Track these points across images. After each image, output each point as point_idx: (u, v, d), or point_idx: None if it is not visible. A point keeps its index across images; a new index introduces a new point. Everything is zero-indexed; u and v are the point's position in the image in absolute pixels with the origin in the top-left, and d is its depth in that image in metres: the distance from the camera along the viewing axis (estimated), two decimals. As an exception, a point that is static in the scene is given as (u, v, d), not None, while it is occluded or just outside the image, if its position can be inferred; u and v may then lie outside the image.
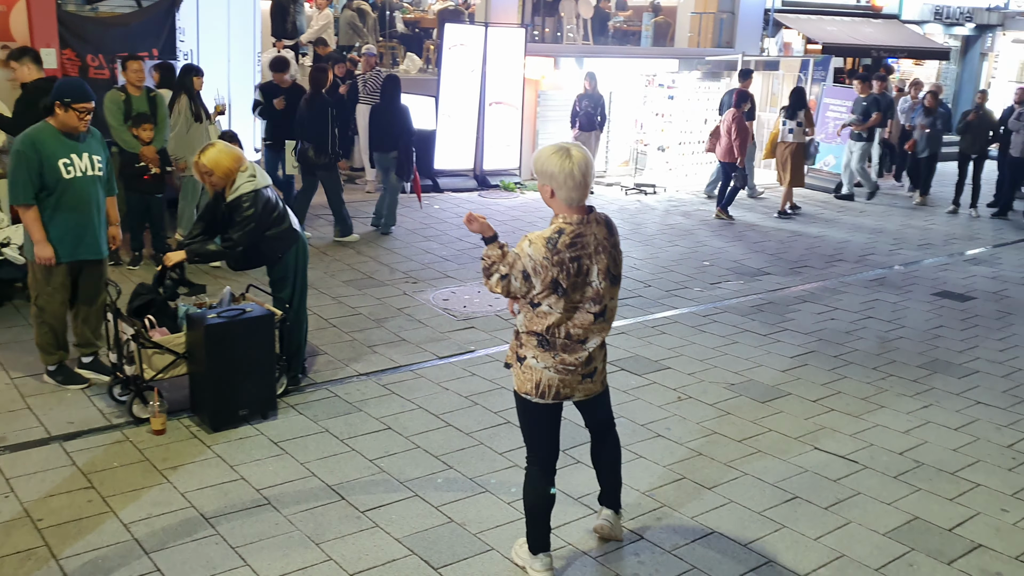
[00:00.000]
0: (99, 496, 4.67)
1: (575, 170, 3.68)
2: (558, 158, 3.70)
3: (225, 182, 5.55)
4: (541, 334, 3.82)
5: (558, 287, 3.71)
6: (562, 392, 3.92)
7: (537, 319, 3.81)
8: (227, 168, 5.51)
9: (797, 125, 12.54)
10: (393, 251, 9.70)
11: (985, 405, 6.40)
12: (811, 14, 20.75)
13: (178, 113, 8.55)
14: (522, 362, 3.90)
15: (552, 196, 3.78)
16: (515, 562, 4.25)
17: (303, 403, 5.87)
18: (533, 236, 3.73)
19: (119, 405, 5.63)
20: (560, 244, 3.69)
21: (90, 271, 5.91)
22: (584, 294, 3.78)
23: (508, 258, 3.74)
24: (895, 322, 8.21)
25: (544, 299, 3.76)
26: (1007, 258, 11.09)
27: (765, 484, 5.13)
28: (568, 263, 3.69)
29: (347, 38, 15.54)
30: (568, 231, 3.73)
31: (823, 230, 12.05)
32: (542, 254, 3.67)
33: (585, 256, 3.74)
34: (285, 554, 4.25)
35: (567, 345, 3.84)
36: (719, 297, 8.75)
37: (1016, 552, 4.56)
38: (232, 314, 5.42)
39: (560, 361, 3.85)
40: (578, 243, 3.73)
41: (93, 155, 5.75)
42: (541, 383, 3.87)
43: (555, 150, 3.74)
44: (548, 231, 3.75)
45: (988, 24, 24.36)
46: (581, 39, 17.35)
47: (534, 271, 3.68)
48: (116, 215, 6.18)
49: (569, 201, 3.76)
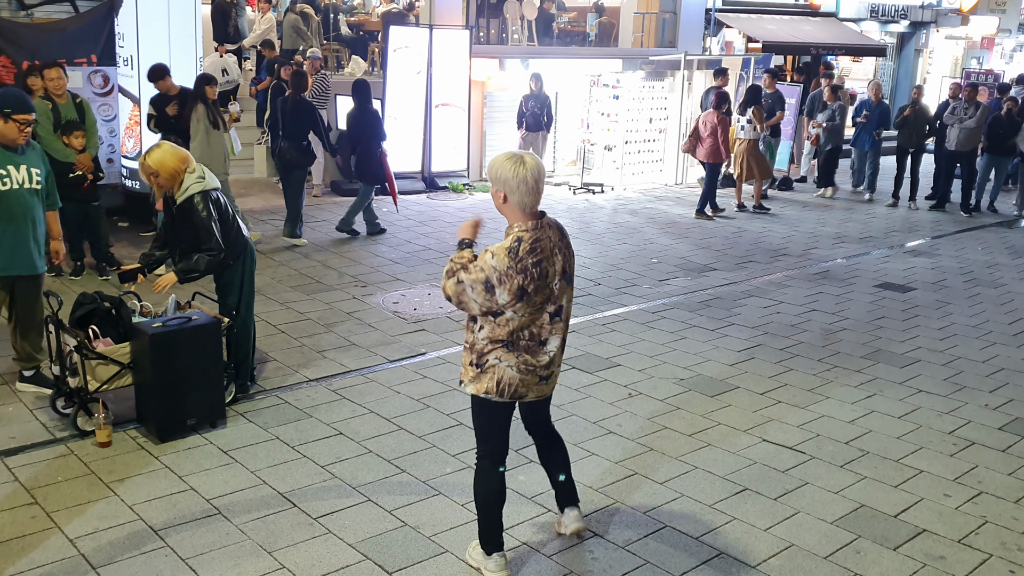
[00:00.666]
0: (43, 512, 4.57)
1: (528, 176, 3.78)
2: (512, 164, 3.80)
3: (172, 183, 5.47)
4: (504, 340, 3.88)
5: (524, 294, 3.78)
6: (519, 391, 3.97)
7: (499, 328, 3.88)
8: (172, 168, 5.43)
9: (748, 122, 12.72)
10: (341, 255, 9.64)
11: (927, 393, 6.55)
12: (751, 13, 21.02)
13: (197, 121, 8.52)
14: (482, 366, 3.94)
15: (505, 201, 3.85)
16: (469, 564, 4.25)
17: (252, 411, 5.82)
18: (494, 248, 3.81)
19: (62, 418, 5.52)
20: (521, 251, 3.78)
21: (25, 287, 5.78)
22: (544, 296, 3.88)
23: (470, 268, 3.81)
24: (839, 314, 8.36)
25: (510, 307, 3.82)
26: (945, 249, 11.35)
27: (715, 477, 5.19)
28: (531, 268, 3.78)
29: (291, 42, 15.40)
30: (526, 238, 3.82)
31: (767, 225, 12.22)
32: (505, 264, 3.75)
33: (545, 260, 3.84)
34: (237, 564, 4.20)
35: (530, 346, 3.93)
36: (667, 294, 8.83)
37: (959, 535, 4.67)
38: (177, 323, 5.35)
39: (523, 361, 3.93)
40: (537, 248, 3.82)
41: (32, 168, 5.63)
42: (502, 381, 3.93)
43: (508, 157, 3.83)
44: (507, 242, 3.83)
45: (922, 21, 24.89)
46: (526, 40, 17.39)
47: (499, 281, 3.75)
48: (58, 229, 6.08)
49: (522, 206, 3.83)
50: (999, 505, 5.00)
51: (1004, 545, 4.60)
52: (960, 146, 13.40)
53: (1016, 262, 10.75)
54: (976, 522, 4.81)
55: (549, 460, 4.44)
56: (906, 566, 4.39)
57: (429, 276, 8.97)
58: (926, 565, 4.40)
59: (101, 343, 5.41)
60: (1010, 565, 4.43)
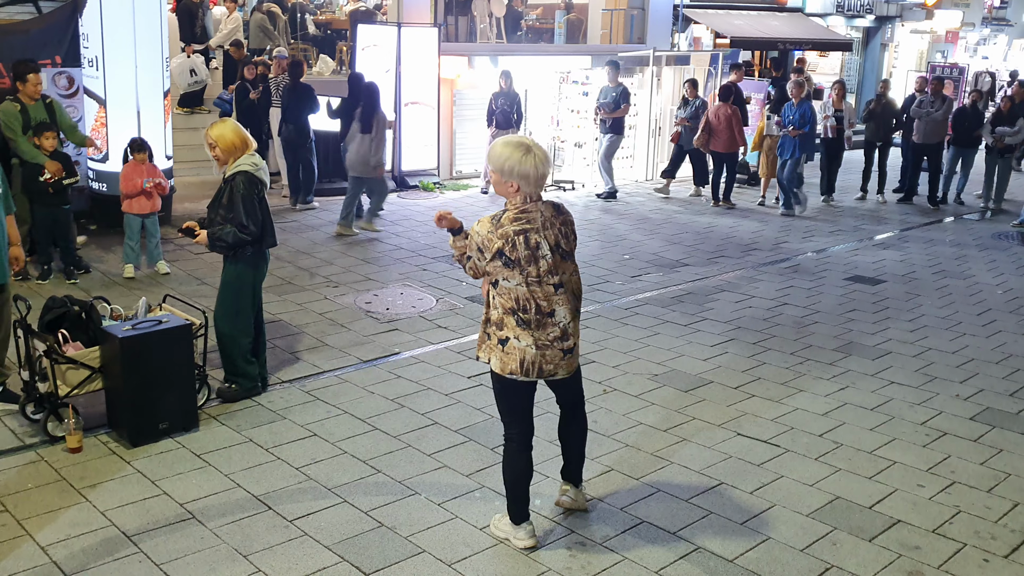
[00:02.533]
0: (13, 519, 4.50)
1: (537, 163, 4.02)
2: (520, 153, 4.01)
3: (228, 156, 5.61)
4: (515, 311, 4.10)
5: (505, 259, 4.04)
6: (545, 369, 4.19)
7: (502, 297, 4.12)
8: (230, 142, 5.59)
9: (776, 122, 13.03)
10: (312, 255, 9.57)
11: (898, 385, 6.61)
12: (719, 8, 21.12)
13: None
14: (504, 344, 4.15)
15: (515, 189, 4.07)
16: (496, 535, 4.42)
17: (225, 413, 5.76)
18: (481, 219, 4.13)
19: (32, 424, 5.44)
20: (504, 219, 4.06)
21: None
22: (539, 267, 4.09)
23: (469, 243, 4.15)
24: (810, 307, 8.42)
25: (498, 273, 4.08)
26: (914, 242, 11.47)
27: (691, 472, 5.21)
28: (513, 236, 4.03)
29: (257, 41, 15.29)
30: (512, 210, 4.09)
31: (737, 221, 12.29)
32: (487, 229, 4.07)
33: (532, 231, 4.06)
34: (212, 568, 4.16)
35: (540, 321, 4.14)
36: (640, 289, 8.86)
37: (933, 526, 4.72)
38: (148, 326, 5.29)
39: (537, 338, 4.13)
40: (522, 218, 4.06)
41: None
42: (525, 361, 4.13)
43: (516, 146, 4.05)
44: (495, 213, 4.13)
45: (887, 16, 25.14)
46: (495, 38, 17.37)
47: (482, 245, 4.07)
48: (16, 234, 5.84)
49: (526, 191, 4.07)
50: (972, 494, 5.05)
51: (978, 534, 4.65)
52: (926, 139, 13.54)
53: (983, 254, 10.88)
54: (950, 512, 4.86)
55: (567, 432, 4.63)
56: (882, 557, 4.42)
57: (401, 276, 8.94)
58: (901, 555, 4.44)
59: (71, 347, 5.34)
60: (984, 554, 4.48)
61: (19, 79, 8.08)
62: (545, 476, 4.96)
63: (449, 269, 9.14)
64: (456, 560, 4.28)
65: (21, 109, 7.92)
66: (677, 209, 12.92)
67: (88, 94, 9.74)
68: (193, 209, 11.16)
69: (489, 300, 4.23)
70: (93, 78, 9.68)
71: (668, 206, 13.10)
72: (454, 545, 4.40)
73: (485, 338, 4.26)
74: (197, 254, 9.27)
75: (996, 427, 5.94)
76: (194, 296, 7.66)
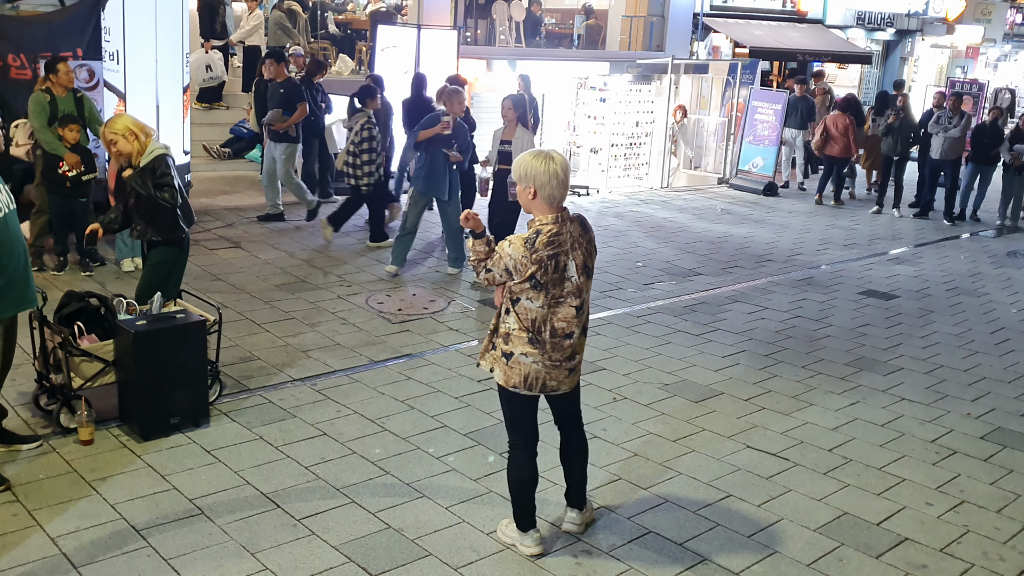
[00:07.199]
0: (24, 510, 4.53)
1: (559, 171, 4.04)
2: (541, 161, 4.04)
3: (131, 150, 5.61)
4: (530, 330, 4.10)
5: (536, 283, 4.02)
6: (548, 384, 4.20)
7: (522, 317, 4.10)
8: (131, 131, 5.59)
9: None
10: (327, 254, 9.60)
11: (909, 401, 6.58)
12: (738, 18, 21.10)
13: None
14: (509, 358, 4.15)
15: (534, 197, 4.07)
16: (503, 541, 4.44)
17: (236, 410, 5.78)
18: (512, 238, 4.07)
19: (45, 415, 5.47)
20: (538, 243, 4.01)
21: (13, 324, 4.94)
22: (564, 289, 4.09)
23: (493, 256, 4.10)
24: (823, 321, 8.40)
25: (523, 293, 4.05)
26: (928, 257, 11.43)
27: (699, 483, 5.20)
28: (546, 261, 4.01)
29: (276, 39, 15.34)
30: (545, 231, 4.04)
31: (752, 231, 12.27)
32: (521, 253, 4.00)
33: (562, 253, 4.06)
34: (219, 565, 4.18)
35: (556, 343, 4.14)
36: (652, 298, 8.85)
37: (940, 545, 4.70)
38: (162, 320, 5.32)
39: (548, 358, 4.14)
40: (555, 241, 4.04)
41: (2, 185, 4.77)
42: (529, 377, 4.15)
43: (535, 155, 4.08)
44: (527, 233, 4.08)
45: (908, 29, 25.08)
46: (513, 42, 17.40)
47: (515, 269, 4.02)
48: None
49: (551, 200, 4.07)
50: (981, 514, 5.03)
51: (986, 555, 4.63)
52: (944, 155, 13.47)
53: (998, 271, 10.83)
54: (958, 531, 4.84)
55: (567, 454, 4.58)
56: (888, 574, 4.41)
57: (415, 277, 8.95)
58: (908, 574, 4.42)
59: (86, 340, 5.37)
60: (991, 575, 4.46)
61: (50, 71, 8.15)
62: (553, 483, 4.97)
63: (463, 271, 9.15)
64: (462, 564, 4.29)
65: (51, 100, 7.99)
66: (692, 218, 12.91)
67: (108, 87, 9.77)
68: (209, 204, 11.22)
69: (502, 312, 4.22)
70: (113, 71, 9.72)
71: (683, 215, 13.09)
72: (461, 549, 4.41)
73: (490, 347, 4.26)
74: (212, 249, 9.31)
75: (1007, 447, 5.91)
76: (209, 291, 7.70)
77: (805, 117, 15.34)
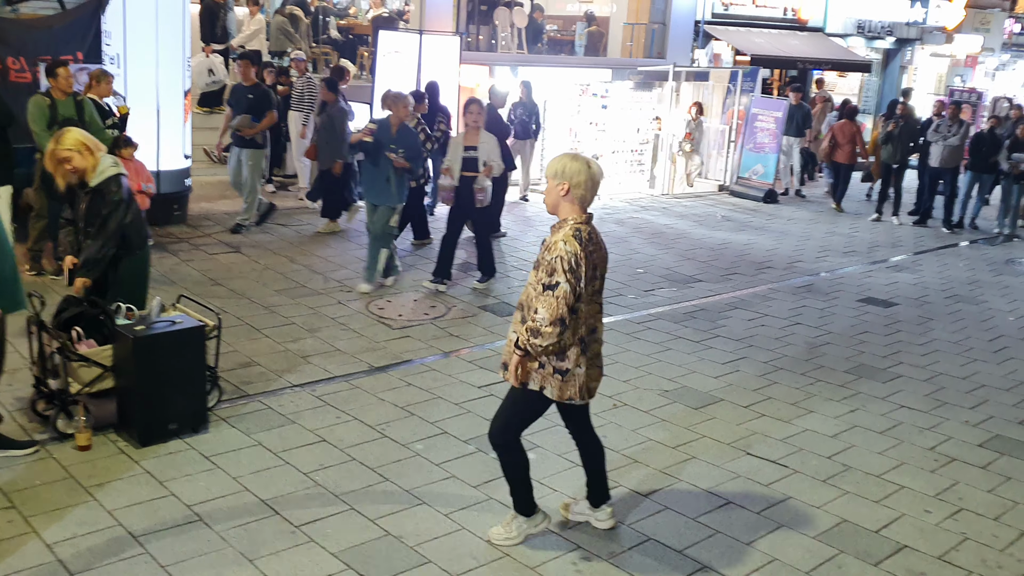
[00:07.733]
0: (20, 516, 4.52)
1: (596, 174, 4.19)
2: (580, 163, 4.16)
3: (87, 165, 5.49)
4: (583, 337, 4.18)
5: (584, 279, 4.09)
6: (591, 387, 4.32)
7: (575, 324, 4.11)
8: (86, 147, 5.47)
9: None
10: (327, 259, 9.60)
11: (908, 409, 6.58)
12: (739, 26, 21.12)
13: None
14: (564, 374, 4.19)
15: (566, 194, 4.15)
16: (498, 545, 4.47)
17: (235, 416, 5.77)
18: (561, 237, 4.08)
19: (42, 420, 5.46)
20: (584, 237, 4.13)
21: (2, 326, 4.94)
22: (594, 286, 4.25)
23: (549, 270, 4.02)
24: (822, 328, 8.40)
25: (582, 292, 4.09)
26: (927, 265, 11.43)
27: (699, 490, 5.20)
28: (592, 255, 4.16)
29: (278, 44, 15.36)
30: (584, 230, 4.16)
31: (752, 238, 12.27)
32: (576, 247, 4.06)
33: (596, 251, 4.22)
34: (218, 572, 4.17)
35: (588, 340, 4.24)
36: (653, 304, 8.85)
37: (939, 552, 4.69)
38: (161, 326, 5.31)
39: (587, 360, 4.24)
40: (594, 238, 4.22)
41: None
42: (583, 387, 4.25)
43: (574, 157, 4.21)
44: (569, 230, 4.12)
45: (907, 38, 25.09)
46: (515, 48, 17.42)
47: (577, 264, 4.03)
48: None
49: (582, 201, 4.19)
50: (979, 522, 5.02)
51: (984, 562, 4.62)
52: (943, 163, 13.49)
53: (997, 279, 10.83)
54: (956, 539, 4.84)
55: (588, 457, 4.64)
56: (888, 583, 4.40)
57: (415, 283, 8.95)
58: (908, 582, 4.42)
59: (84, 345, 5.36)
60: (990, 583, 4.46)
61: (50, 74, 8.15)
62: (553, 490, 4.96)
63: (463, 276, 9.15)
64: (462, 572, 4.28)
65: (50, 104, 7.99)
66: (692, 224, 12.91)
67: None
68: (210, 209, 11.22)
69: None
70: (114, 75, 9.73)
71: (683, 221, 13.09)
72: (460, 557, 4.40)
73: (538, 366, 4.21)
74: (212, 254, 9.31)
75: (1005, 455, 5.91)
76: (208, 296, 7.69)
77: (801, 125, 15.40)
